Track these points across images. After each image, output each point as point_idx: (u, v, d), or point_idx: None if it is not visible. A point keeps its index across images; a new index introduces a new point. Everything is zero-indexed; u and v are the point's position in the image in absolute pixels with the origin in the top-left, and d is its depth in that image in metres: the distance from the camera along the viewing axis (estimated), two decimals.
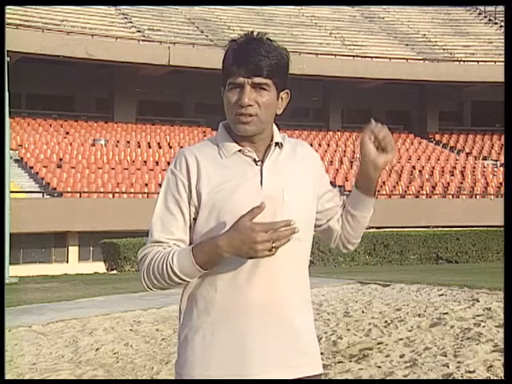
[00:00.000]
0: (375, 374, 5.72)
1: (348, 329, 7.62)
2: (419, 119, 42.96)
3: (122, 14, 39.56)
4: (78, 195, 28.46)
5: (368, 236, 24.25)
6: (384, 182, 34.09)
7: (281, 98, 2.22)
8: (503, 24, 41.82)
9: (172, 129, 37.54)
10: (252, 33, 2.21)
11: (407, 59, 39.76)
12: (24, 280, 18.53)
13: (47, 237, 27.95)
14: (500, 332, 6.69)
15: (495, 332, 6.80)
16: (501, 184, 34.27)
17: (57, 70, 35.43)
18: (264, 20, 42.97)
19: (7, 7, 25.33)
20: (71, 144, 32.85)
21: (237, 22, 41.54)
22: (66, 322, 9.39)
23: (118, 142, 34.25)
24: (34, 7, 35.77)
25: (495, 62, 36.98)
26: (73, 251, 28.81)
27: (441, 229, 27.47)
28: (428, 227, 28.22)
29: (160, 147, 34.62)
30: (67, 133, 34.66)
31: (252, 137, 2.20)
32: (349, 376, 5.72)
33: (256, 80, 2.14)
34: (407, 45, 43.23)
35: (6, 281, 15.94)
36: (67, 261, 28.63)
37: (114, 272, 23.41)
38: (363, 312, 8.72)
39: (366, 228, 2.41)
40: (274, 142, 2.24)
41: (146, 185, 30.36)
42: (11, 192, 20.53)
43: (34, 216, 25.91)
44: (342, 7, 46.50)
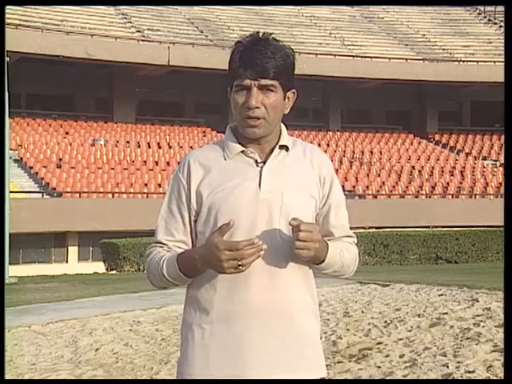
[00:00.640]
0: (375, 374, 5.72)
1: (348, 329, 7.62)
2: (419, 119, 42.97)
3: (122, 14, 39.55)
4: (78, 195, 28.45)
5: (367, 236, 24.25)
6: (384, 182, 34.11)
7: (287, 98, 2.23)
8: (503, 24, 41.81)
9: (172, 129, 37.54)
10: (258, 33, 2.21)
11: (407, 59, 39.77)
12: (23, 280, 18.52)
13: (47, 237, 27.94)
14: (499, 332, 6.69)
15: (495, 332, 6.80)
16: (500, 184, 34.28)
17: (56, 70, 35.42)
18: (263, 20, 42.97)
19: (7, 7, 25.32)
20: (71, 144, 32.84)
21: (236, 22, 41.54)
22: (66, 322, 9.39)
23: (118, 142, 34.25)
24: (34, 7, 35.76)
25: (495, 62, 36.98)
26: (72, 251, 28.80)
27: (440, 229, 27.48)
28: (427, 227, 28.23)
29: (160, 147, 34.61)
30: (67, 133, 34.65)
31: (259, 138, 2.22)
32: (348, 376, 5.73)
33: (263, 82, 2.15)
34: (407, 45, 43.23)
35: (6, 281, 15.93)
36: (67, 261, 28.63)
37: (114, 272, 23.40)
38: (363, 312, 8.71)
39: (366, 228, 2.41)
40: (279, 145, 2.25)
41: (146, 185, 30.35)
42: (11, 192, 20.53)
43: (34, 216, 25.90)
44: (342, 7, 46.49)
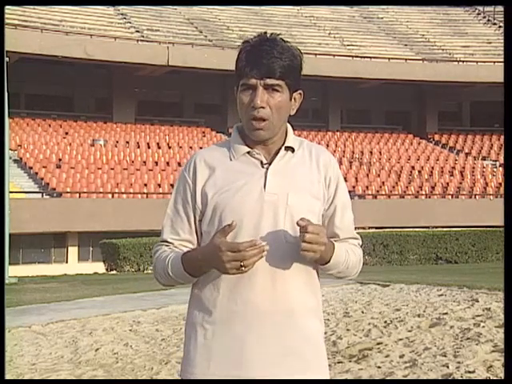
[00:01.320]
0: (375, 374, 5.73)
1: (348, 329, 7.62)
2: (418, 119, 42.98)
3: (121, 14, 39.54)
4: (78, 195, 28.45)
5: (367, 236, 24.24)
6: (383, 183, 34.11)
7: (294, 99, 2.23)
8: (502, 24, 41.83)
9: (171, 129, 37.53)
10: (265, 33, 2.21)
11: (406, 59, 39.76)
12: (23, 280, 18.52)
13: (47, 237, 27.94)
14: (499, 332, 6.69)
15: (495, 332, 6.80)
16: (500, 184, 34.29)
17: (56, 70, 35.41)
18: (263, 20, 42.97)
19: (6, 7, 25.31)
20: (70, 144, 32.83)
21: (235, 23, 41.54)
22: (66, 323, 9.39)
23: (118, 143, 34.24)
24: (33, 7, 35.75)
25: (494, 63, 36.97)
26: (72, 251, 28.80)
27: (440, 229, 27.48)
28: (427, 227, 28.23)
29: (159, 147, 34.61)
30: (66, 133, 34.65)
31: (265, 140, 2.22)
32: (348, 376, 5.73)
33: (268, 81, 2.15)
34: (406, 45, 43.24)
35: (6, 281, 15.93)
36: (67, 261, 28.62)
37: (114, 272, 23.40)
38: (363, 312, 8.72)
39: (366, 228, 2.41)
40: (285, 146, 2.24)
41: (146, 185, 30.34)
42: (11, 192, 20.53)
43: (34, 216, 25.90)
44: (341, 7, 46.49)
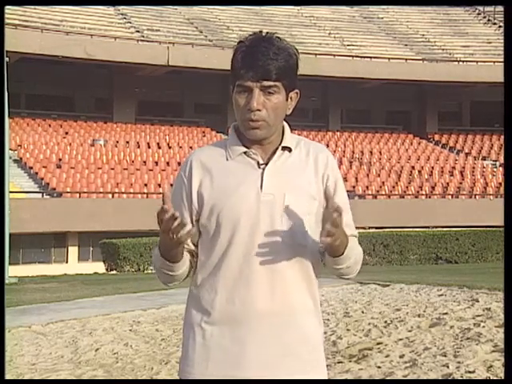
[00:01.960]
0: (375, 374, 5.72)
1: (348, 329, 7.61)
2: (418, 119, 42.97)
3: (121, 14, 39.55)
4: (78, 195, 28.45)
5: (367, 236, 24.23)
6: (383, 182, 34.12)
7: (290, 98, 2.22)
8: (502, 24, 41.82)
9: (171, 129, 37.53)
10: (261, 32, 2.19)
11: (406, 59, 39.77)
12: (23, 280, 18.51)
13: (47, 237, 27.94)
14: (500, 332, 6.69)
15: (495, 332, 6.79)
16: (500, 184, 34.29)
17: (56, 70, 35.41)
18: (263, 20, 42.97)
19: (6, 7, 25.31)
20: (70, 144, 32.84)
21: (236, 22, 41.54)
22: (66, 323, 9.38)
23: (118, 142, 34.25)
24: (33, 7, 35.76)
25: (494, 62, 36.97)
26: (72, 251, 28.81)
27: (440, 229, 27.47)
28: (427, 227, 28.22)
29: (159, 147, 34.62)
30: (66, 133, 34.66)
31: (261, 140, 2.21)
32: (348, 376, 5.73)
33: (265, 84, 2.13)
34: (406, 45, 43.24)
35: (6, 281, 15.92)
36: (67, 261, 28.63)
37: (114, 272, 23.40)
38: (363, 312, 8.71)
39: (366, 228, 2.40)
40: (282, 146, 2.23)
41: (146, 185, 30.35)
42: (11, 192, 20.52)
43: (34, 216, 25.90)
44: (341, 7, 46.49)
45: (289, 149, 2.24)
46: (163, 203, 2.04)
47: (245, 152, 2.22)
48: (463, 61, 40.68)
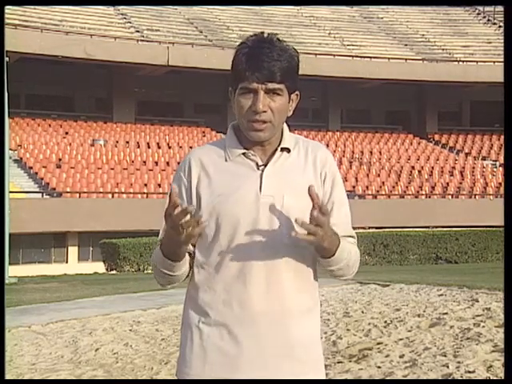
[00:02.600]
0: (375, 374, 5.72)
1: (348, 329, 7.61)
2: (418, 119, 42.97)
3: (121, 14, 39.54)
4: (78, 195, 28.45)
5: (367, 236, 24.24)
6: (383, 182, 34.12)
7: (291, 100, 2.21)
8: (502, 24, 41.82)
9: (171, 129, 37.53)
10: (262, 34, 2.18)
11: (406, 59, 39.77)
12: (23, 280, 18.50)
13: (47, 237, 27.94)
14: (499, 332, 6.69)
15: (495, 332, 6.80)
16: (500, 184, 34.29)
17: (56, 70, 35.41)
18: (263, 20, 42.97)
19: (6, 7, 25.30)
20: (70, 144, 32.84)
21: (235, 23, 41.54)
22: (66, 322, 9.38)
23: (118, 142, 34.25)
24: (33, 7, 35.75)
25: (494, 62, 36.98)
26: (72, 251, 28.80)
27: (440, 229, 27.48)
28: (427, 227, 28.22)
29: (159, 147, 34.62)
30: (66, 133, 34.65)
31: (262, 141, 2.20)
32: (348, 376, 5.73)
33: (270, 86, 2.12)
34: (406, 45, 43.23)
35: (6, 281, 15.92)
36: (67, 261, 28.62)
37: (114, 272, 23.40)
38: (363, 312, 8.71)
39: (366, 228, 2.38)
40: (280, 148, 2.23)
41: (146, 185, 30.35)
42: (11, 192, 20.52)
43: (34, 216, 25.89)
44: (341, 7, 46.49)
45: (287, 149, 2.24)
46: (170, 199, 1.99)
47: (244, 153, 2.21)
48: (463, 61, 40.68)
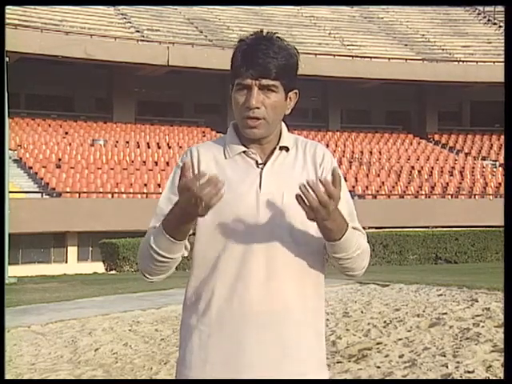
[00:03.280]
0: (374, 374, 5.72)
1: (347, 329, 7.62)
2: (418, 119, 42.98)
3: (121, 14, 39.54)
4: (77, 195, 28.45)
5: (367, 236, 24.19)
6: (383, 182, 34.12)
7: (289, 98, 2.20)
8: (502, 24, 41.84)
9: (171, 129, 37.54)
10: (261, 32, 2.18)
11: (406, 59, 39.77)
12: (23, 280, 18.50)
13: (46, 237, 27.94)
14: (499, 332, 6.69)
15: (494, 332, 6.80)
16: (500, 184, 34.30)
17: (56, 70, 35.41)
18: (263, 20, 42.97)
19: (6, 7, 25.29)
20: (70, 144, 32.84)
21: (236, 23, 41.54)
22: (65, 322, 9.38)
23: (117, 142, 34.24)
24: (33, 7, 35.75)
25: (494, 63, 36.98)
26: (72, 251, 28.80)
27: (440, 229, 27.46)
28: (427, 227, 28.21)
29: (159, 147, 34.62)
30: (66, 133, 34.66)
31: (259, 138, 2.20)
32: (348, 376, 5.73)
33: (264, 82, 2.12)
34: (406, 45, 43.24)
35: (5, 281, 15.92)
36: (66, 261, 28.62)
37: (113, 272, 23.38)
38: (362, 312, 8.71)
39: (365, 228, 2.38)
40: (279, 146, 2.22)
41: (145, 185, 30.35)
42: (10, 192, 20.52)
43: (33, 216, 25.89)
44: (341, 7, 46.49)
45: (286, 148, 2.24)
46: (184, 173, 1.94)
47: (243, 151, 2.21)
48: (463, 61, 40.68)
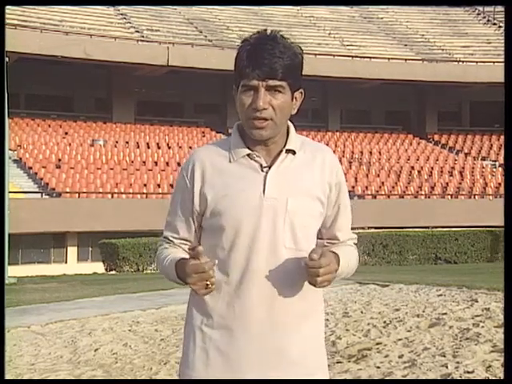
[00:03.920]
0: (374, 375, 5.72)
1: (347, 329, 7.61)
2: (418, 119, 42.98)
3: (121, 14, 39.55)
4: (77, 195, 28.45)
5: (367, 236, 24.23)
6: (383, 183, 34.12)
7: (295, 98, 2.19)
8: (502, 24, 41.85)
9: (171, 129, 37.53)
10: (265, 31, 2.16)
11: (406, 59, 39.78)
12: (23, 280, 18.50)
13: (46, 237, 27.93)
14: (499, 332, 6.69)
15: (494, 332, 6.79)
16: (499, 184, 34.30)
17: (55, 71, 35.40)
18: (262, 20, 42.95)
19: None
20: (70, 144, 32.84)
21: (235, 23, 41.54)
22: (65, 323, 9.38)
23: (117, 143, 34.24)
24: (32, 7, 35.75)
25: (494, 63, 36.98)
26: (72, 251, 28.80)
27: (440, 229, 27.47)
28: (427, 227, 28.21)
29: (159, 147, 34.61)
30: (66, 133, 34.66)
31: (265, 140, 2.17)
32: (348, 376, 5.72)
33: (271, 83, 2.10)
34: (406, 45, 43.24)
35: (5, 281, 15.91)
36: (66, 261, 28.62)
37: (113, 272, 23.39)
38: (362, 312, 8.71)
39: (365, 228, 2.39)
40: (285, 149, 2.19)
41: (145, 185, 30.35)
42: (10, 192, 20.52)
43: (33, 216, 25.89)
44: (341, 7, 46.50)
45: (293, 151, 2.21)
46: (197, 257, 2.06)
47: (248, 154, 2.18)
48: (463, 61, 40.69)
